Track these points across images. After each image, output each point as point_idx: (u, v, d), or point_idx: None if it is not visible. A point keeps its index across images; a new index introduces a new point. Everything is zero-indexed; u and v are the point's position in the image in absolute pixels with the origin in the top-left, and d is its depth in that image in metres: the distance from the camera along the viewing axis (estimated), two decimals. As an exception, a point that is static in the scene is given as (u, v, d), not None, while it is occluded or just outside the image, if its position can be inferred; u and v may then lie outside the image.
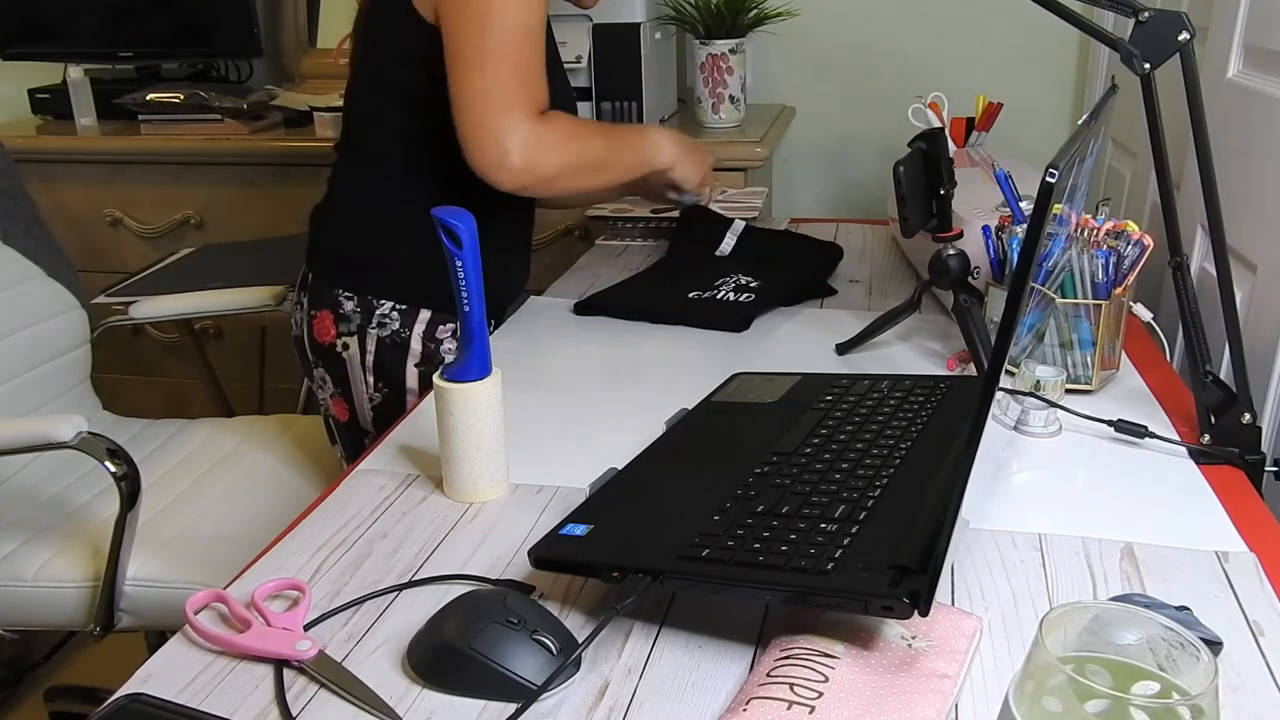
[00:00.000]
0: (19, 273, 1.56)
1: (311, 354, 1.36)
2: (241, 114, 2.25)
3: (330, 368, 1.34)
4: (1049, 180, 0.58)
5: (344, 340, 1.32)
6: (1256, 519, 0.83)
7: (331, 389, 1.36)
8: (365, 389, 1.33)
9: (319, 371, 1.36)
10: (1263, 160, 1.13)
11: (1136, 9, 0.90)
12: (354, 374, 1.33)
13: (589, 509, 0.79)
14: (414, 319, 1.30)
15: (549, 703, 0.65)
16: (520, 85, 1.15)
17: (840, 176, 2.39)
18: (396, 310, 1.30)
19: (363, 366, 1.32)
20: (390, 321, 1.30)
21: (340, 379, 1.34)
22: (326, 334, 1.32)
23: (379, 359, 1.31)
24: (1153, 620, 0.47)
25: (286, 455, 1.59)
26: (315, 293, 1.33)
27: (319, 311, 1.32)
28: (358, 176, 1.33)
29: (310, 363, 1.37)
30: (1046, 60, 2.20)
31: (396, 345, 1.31)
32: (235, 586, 0.78)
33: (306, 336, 1.35)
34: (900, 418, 0.87)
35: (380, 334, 1.30)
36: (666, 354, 1.20)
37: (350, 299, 1.30)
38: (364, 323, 1.30)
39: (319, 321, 1.33)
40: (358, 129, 1.32)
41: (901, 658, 0.63)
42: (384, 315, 1.30)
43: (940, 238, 1.09)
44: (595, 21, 1.93)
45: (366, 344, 1.31)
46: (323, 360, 1.35)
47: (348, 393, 1.35)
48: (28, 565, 1.32)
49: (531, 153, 1.14)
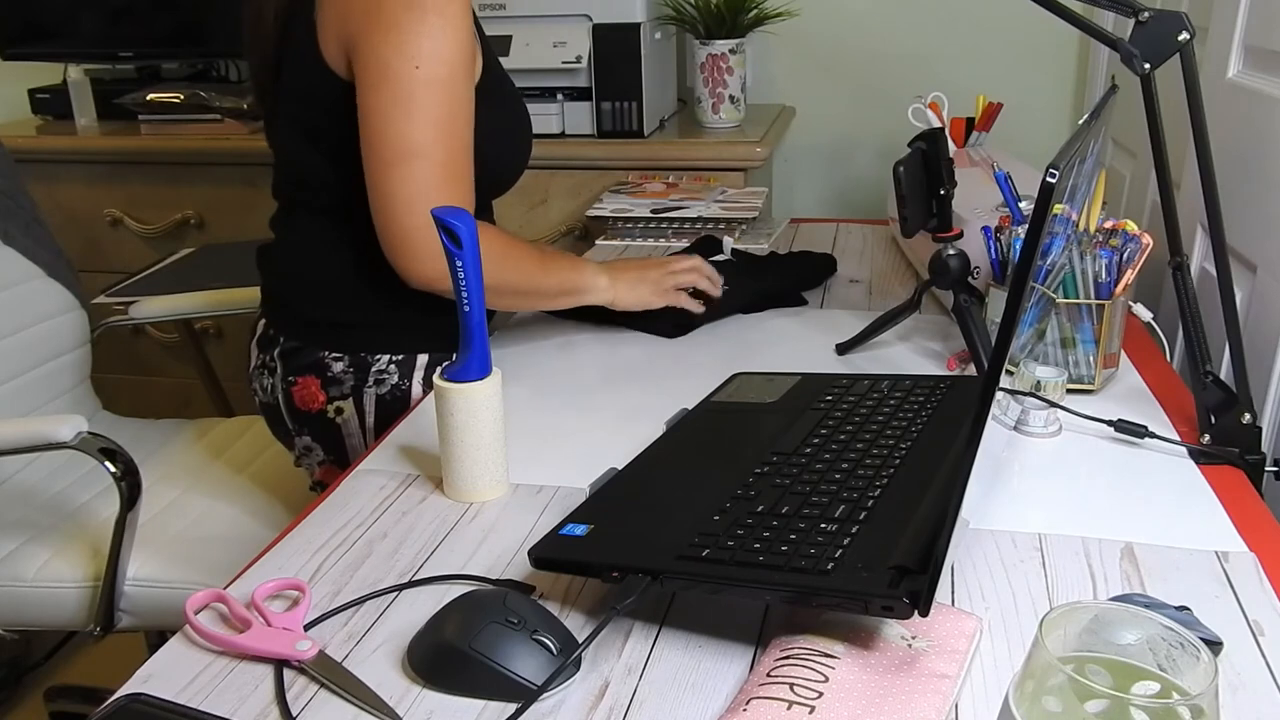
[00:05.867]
0: (19, 273, 1.55)
1: (293, 423, 1.24)
2: (241, 114, 2.24)
3: (320, 436, 1.23)
4: (1049, 180, 0.58)
5: (336, 405, 1.20)
6: (1256, 519, 0.83)
7: (321, 456, 1.25)
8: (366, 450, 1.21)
9: (303, 440, 1.25)
10: (1263, 160, 1.13)
11: (1136, 9, 0.90)
12: (350, 439, 1.22)
13: (589, 509, 0.79)
14: (412, 366, 1.21)
15: (549, 703, 0.65)
16: (445, 189, 1.03)
17: (840, 176, 2.38)
18: (393, 363, 1.20)
19: (362, 429, 1.22)
20: (389, 376, 1.20)
21: (333, 446, 1.23)
22: (314, 401, 1.21)
23: (380, 418, 1.21)
24: (1153, 620, 0.47)
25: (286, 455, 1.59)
26: (292, 357, 1.20)
27: (301, 378, 1.20)
28: (313, 231, 1.20)
29: (291, 432, 1.25)
30: (1046, 60, 2.20)
31: (398, 399, 1.20)
32: (235, 586, 0.78)
33: (284, 405, 1.23)
34: (900, 418, 0.87)
35: (379, 391, 1.20)
36: (666, 354, 1.20)
37: (340, 359, 1.19)
38: (359, 383, 1.19)
39: (301, 389, 1.21)
40: (295, 180, 1.20)
41: (901, 658, 0.63)
42: (380, 371, 1.19)
43: (940, 238, 1.09)
44: (595, 21, 1.93)
45: (364, 405, 1.20)
46: (309, 429, 1.23)
47: (342, 459, 1.24)
48: (28, 565, 1.32)
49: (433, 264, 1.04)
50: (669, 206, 1.71)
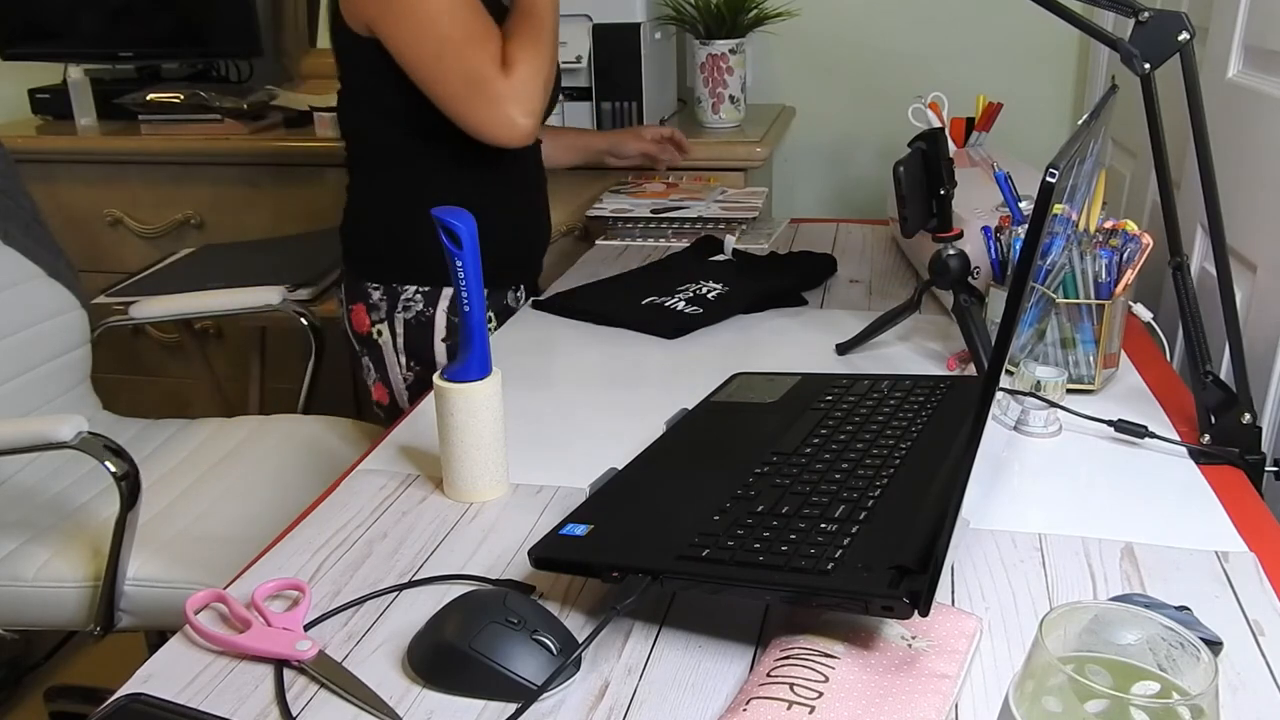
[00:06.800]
0: (19, 273, 1.56)
1: (356, 344, 1.48)
2: (241, 114, 2.25)
3: (371, 355, 1.46)
4: (1049, 180, 0.58)
5: (377, 328, 1.43)
6: (1256, 519, 0.83)
7: (374, 375, 1.47)
8: (400, 370, 1.44)
9: (364, 360, 1.48)
10: (1263, 160, 1.13)
11: (1136, 9, 0.90)
12: (389, 358, 1.44)
13: (589, 509, 0.79)
14: (437, 298, 1.40)
15: (549, 703, 0.65)
16: (481, 54, 1.21)
17: (840, 176, 2.38)
18: (419, 293, 1.40)
19: (395, 349, 1.43)
20: (415, 304, 1.40)
21: (379, 364, 1.46)
22: (363, 324, 1.44)
23: (408, 340, 1.42)
24: (1153, 620, 0.47)
25: (286, 455, 1.59)
26: (349, 287, 1.45)
27: (354, 305, 1.44)
28: (364, 177, 1.42)
29: (358, 353, 1.48)
30: (1046, 60, 2.20)
31: (422, 325, 1.41)
32: (235, 586, 0.78)
33: (349, 328, 1.48)
34: (900, 418, 0.87)
35: (406, 317, 1.41)
36: (667, 354, 1.20)
37: (377, 289, 1.41)
38: (391, 309, 1.41)
39: (355, 314, 1.45)
40: (352, 135, 1.41)
41: (901, 658, 0.63)
42: (408, 299, 1.40)
43: (940, 238, 1.09)
44: (595, 21, 1.93)
45: (395, 328, 1.42)
46: (366, 349, 1.46)
47: (385, 377, 1.46)
48: (28, 565, 1.32)
49: (526, 103, 1.23)
50: (669, 206, 1.71)
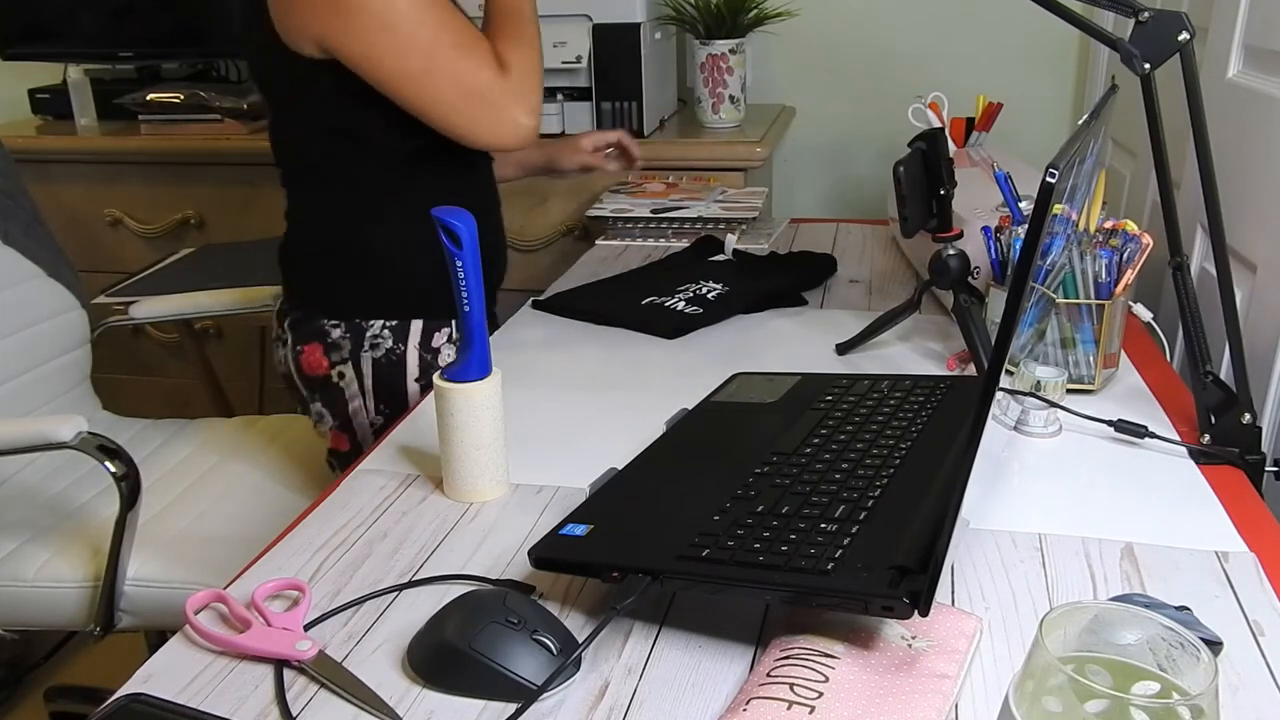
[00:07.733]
0: (19, 273, 1.56)
1: (305, 389, 1.34)
2: (241, 114, 2.25)
3: (327, 400, 1.32)
4: (1049, 180, 0.58)
5: (339, 369, 1.30)
6: (1256, 519, 0.83)
7: (330, 422, 1.34)
8: (366, 414, 1.31)
9: (316, 406, 1.34)
10: (1263, 160, 1.13)
11: (1136, 9, 0.90)
12: (352, 402, 1.31)
13: (589, 509, 0.79)
14: (406, 332, 1.29)
15: (549, 703, 0.65)
16: (475, 61, 1.14)
17: (840, 176, 2.38)
18: (387, 328, 1.28)
19: (361, 391, 1.30)
20: (383, 340, 1.28)
21: (336, 409, 1.32)
22: (318, 366, 1.30)
23: (378, 381, 1.29)
24: (1153, 620, 0.47)
25: (287, 455, 1.59)
26: (298, 326, 1.31)
27: (306, 345, 1.30)
28: (311, 205, 1.29)
29: (305, 398, 1.35)
30: (1046, 60, 2.20)
31: (393, 364, 1.29)
32: (235, 586, 0.78)
33: (295, 372, 1.33)
34: (900, 418, 0.87)
35: (375, 355, 1.28)
36: (666, 354, 1.20)
37: (336, 326, 1.28)
38: (355, 348, 1.28)
39: (307, 355, 1.30)
40: (293, 159, 1.29)
41: (901, 658, 0.63)
42: (375, 336, 1.28)
43: (940, 238, 1.09)
44: (595, 21, 1.93)
45: (362, 368, 1.29)
46: (318, 393, 1.33)
47: (346, 424, 1.33)
48: (28, 565, 1.32)
49: (527, 102, 1.17)
50: (669, 206, 1.71)
